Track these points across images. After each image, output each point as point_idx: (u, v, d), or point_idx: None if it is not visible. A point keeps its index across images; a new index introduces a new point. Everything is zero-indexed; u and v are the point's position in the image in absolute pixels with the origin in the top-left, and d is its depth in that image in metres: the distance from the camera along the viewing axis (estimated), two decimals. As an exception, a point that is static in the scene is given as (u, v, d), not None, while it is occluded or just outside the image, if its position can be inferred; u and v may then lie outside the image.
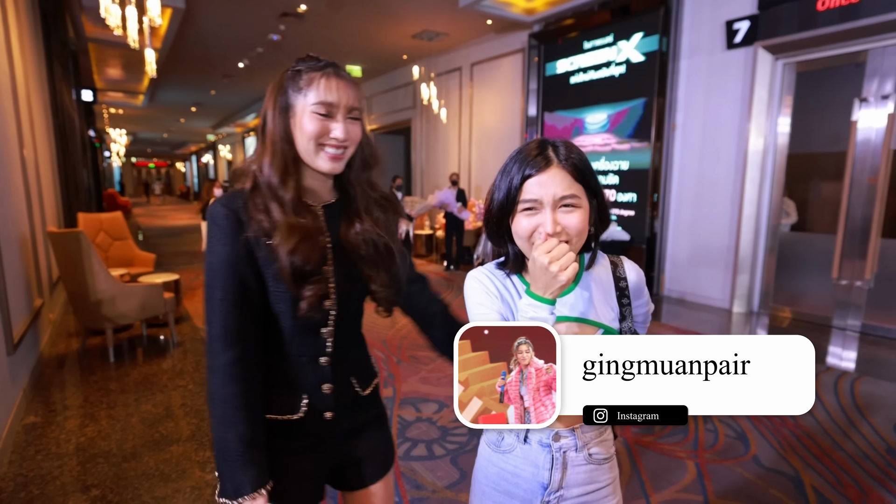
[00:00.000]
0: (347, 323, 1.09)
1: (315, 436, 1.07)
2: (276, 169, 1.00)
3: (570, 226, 0.91)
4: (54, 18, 6.10)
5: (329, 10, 7.12)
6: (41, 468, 2.46)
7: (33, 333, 3.64)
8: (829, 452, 2.64)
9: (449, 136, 9.75)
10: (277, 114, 1.00)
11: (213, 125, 21.71)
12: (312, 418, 1.05)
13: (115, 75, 11.44)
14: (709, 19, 5.45)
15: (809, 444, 2.73)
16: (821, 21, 4.55)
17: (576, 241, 0.92)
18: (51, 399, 3.23)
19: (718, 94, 5.45)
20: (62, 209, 6.35)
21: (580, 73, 6.78)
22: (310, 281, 0.99)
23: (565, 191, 0.91)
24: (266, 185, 1.00)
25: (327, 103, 0.98)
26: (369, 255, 1.07)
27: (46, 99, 5.78)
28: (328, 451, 1.09)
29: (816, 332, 4.82)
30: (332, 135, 0.99)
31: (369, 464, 1.15)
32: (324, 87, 0.98)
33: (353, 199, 1.10)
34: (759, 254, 5.45)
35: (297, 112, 0.99)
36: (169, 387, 3.43)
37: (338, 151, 1.01)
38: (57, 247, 3.77)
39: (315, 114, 0.98)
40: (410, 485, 2.36)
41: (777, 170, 5.30)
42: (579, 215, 0.91)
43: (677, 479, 2.39)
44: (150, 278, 4.45)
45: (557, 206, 0.91)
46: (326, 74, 0.99)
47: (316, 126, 0.98)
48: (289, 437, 1.04)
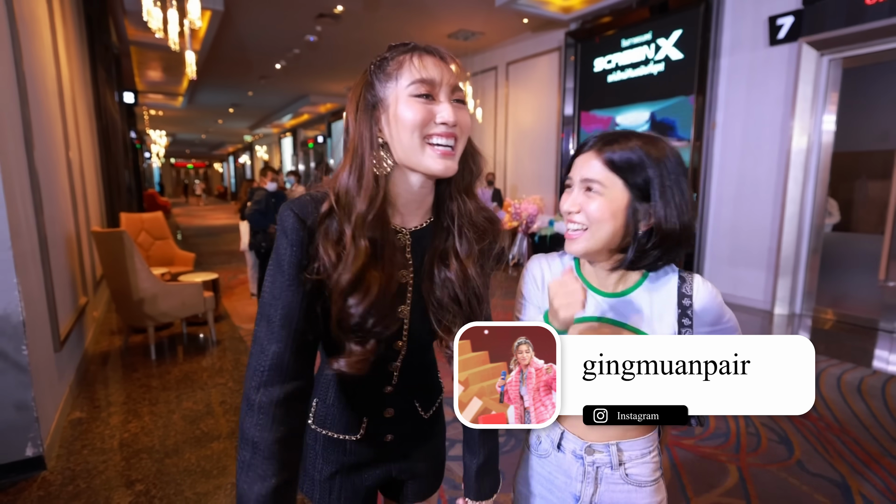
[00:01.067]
0: (419, 357, 0.98)
1: (372, 454, 1.01)
2: (356, 177, 0.82)
3: (588, 210, 0.91)
4: (98, 23, 6.29)
5: (365, 10, 7.16)
6: (87, 462, 2.52)
7: (78, 331, 3.74)
8: (877, 458, 2.57)
9: (484, 135, 9.71)
10: (362, 113, 0.83)
11: (251, 126, 22.19)
12: (371, 440, 0.99)
13: (155, 77, 11.79)
14: (751, 15, 5.31)
15: (856, 449, 2.66)
16: (869, 15, 4.41)
17: (594, 229, 0.91)
18: (95, 395, 3.32)
19: (760, 92, 5.30)
20: (105, 209, 6.55)
21: (618, 72, 6.66)
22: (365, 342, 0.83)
23: (587, 173, 0.91)
24: (343, 199, 0.82)
25: (427, 80, 0.80)
26: (447, 305, 0.89)
27: (90, 101, 5.96)
28: (384, 467, 1.04)
29: (862, 334, 4.72)
30: (440, 118, 0.80)
31: (418, 482, 1.09)
32: (418, 63, 0.80)
33: (448, 222, 0.90)
34: (802, 255, 5.30)
35: (390, 103, 0.81)
36: (209, 384, 3.48)
37: (449, 143, 0.81)
38: (101, 246, 3.87)
39: (413, 97, 0.80)
40: (448, 484, 2.36)
41: (821, 169, 5.15)
42: (599, 203, 0.90)
43: (719, 483, 2.35)
44: (189, 277, 4.54)
45: (583, 187, 0.92)
46: (419, 52, 0.82)
47: (418, 111, 0.79)
48: (344, 453, 0.99)
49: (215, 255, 9.28)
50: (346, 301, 0.81)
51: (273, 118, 18.88)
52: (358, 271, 0.80)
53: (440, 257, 0.89)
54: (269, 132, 23.33)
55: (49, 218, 3.12)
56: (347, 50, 9.07)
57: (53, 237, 3.23)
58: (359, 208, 0.81)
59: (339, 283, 0.80)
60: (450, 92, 0.82)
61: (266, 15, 7.44)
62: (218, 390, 3.39)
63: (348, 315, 0.81)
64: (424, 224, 0.92)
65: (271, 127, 21.19)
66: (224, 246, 10.56)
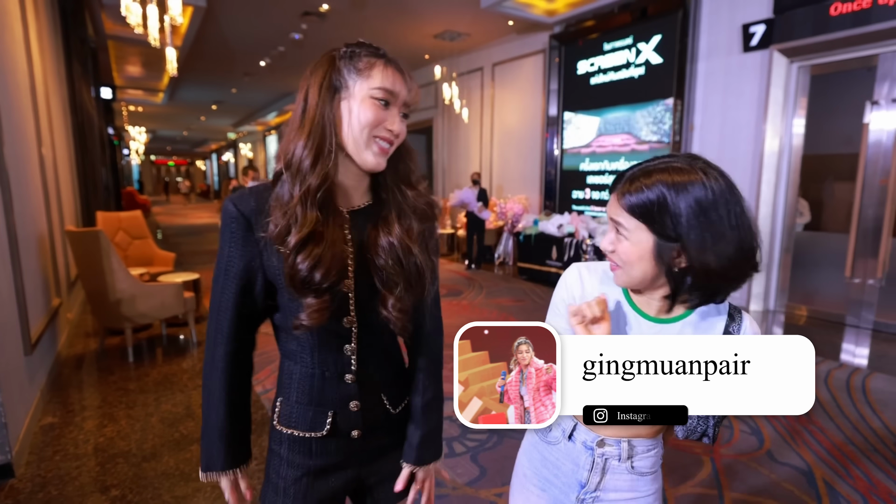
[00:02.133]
0: (375, 339, 1.01)
1: (340, 454, 1.02)
2: (311, 150, 0.89)
3: (618, 251, 0.91)
4: (74, 16, 6.16)
5: (351, 9, 7.12)
6: (59, 469, 2.47)
7: (51, 333, 3.65)
8: (840, 447, 2.69)
9: (470, 135, 9.73)
10: (325, 91, 0.90)
11: (234, 123, 21.92)
12: (338, 436, 1.00)
13: (134, 73, 11.58)
14: (726, 22, 5.43)
15: (822, 438, 2.77)
16: (834, 25, 4.57)
17: (627, 269, 0.91)
18: (69, 400, 3.26)
19: (735, 96, 5.43)
20: (80, 208, 6.42)
21: (600, 74, 6.74)
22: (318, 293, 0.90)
23: (613, 215, 0.92)
24: (295, 168, 0.89)
25: (389, 91, 0.90)
26: (391, 271, 0.95)
27: (65, 96, 5.84)
28: (352, 469, 1.04)
29: (830, 329, 4.91)
30: (388, 126, 0.91)
31: (390, 485, 1.08)
32: (387, 74, 0.90)
33: (387, 203, 0.99)
34: (775, 253, 5.47)
35: (354, 94, 0.90)
36: (189, 386, 3.44)
37: (386, 146, 0.93)
38: (76, 246, 3.78)
39: (375, 100, 0.89)
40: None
41: (792, 171, 5.32)
42: (626, 246, 0.89)
43: (693, 475, 2.42)
44: (169, 277, 4.47)
45: (613, 228, 0.93)
46: (388, 63, 0.92)
47: (374, 114, 0.89)
48: (311, 454, 1.00)
49: (197, 254, 9.16)
50: (295, 259, 0.89)
51: (257, 116, 18.68)
52: (305, 236, 0.88)
53: (383, 227, 0.96)
54: (253, 130, 23.07)
55: (20, 216, 3.04)
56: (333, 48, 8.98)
57: (25, 237, 3.16)
58: (310, 181, 0.88)
59: (288, 244, 0.88)
60: (402, 106, 0.93)
61: (250, 12, 7.36)
62: (198, 392, 3.34)
63: (297, 270, 0.89)
64: (363, 205, 0.99)
65: (256, 125, 20.96)
66: (206, 245, 10.43)
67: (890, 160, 4.58)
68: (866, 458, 2.56)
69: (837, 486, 2.32)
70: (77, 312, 5.06)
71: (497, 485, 2.34)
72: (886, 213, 4.64)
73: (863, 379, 3.59)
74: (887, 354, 4.17)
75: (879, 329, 4.78)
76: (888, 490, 2.29)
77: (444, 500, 2.23)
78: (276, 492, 1.01)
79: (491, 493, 2.29)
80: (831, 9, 4.55)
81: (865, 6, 4.34)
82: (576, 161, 7.18)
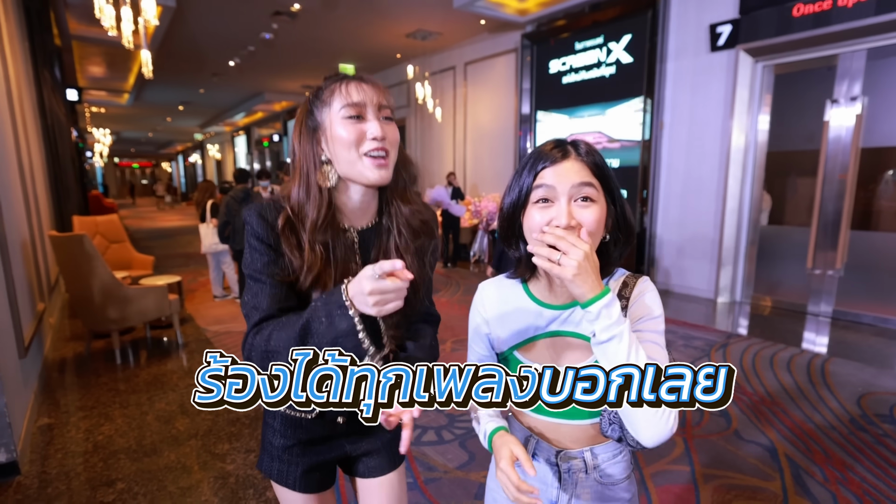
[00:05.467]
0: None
1: (326, 431, 1.13)
2: (304, 190, 0.97)
3: (586, 220, 0.83)
4: (39, 17, 6.04)
5: (323, 9, 7.14)
6: (63, 465, 2.52)
7: (38, 337, 3.65)
8: (800, 424, 2.90)
9: (444, 134, 9.83)
10: (305, 138, 0.97)
11: (201, 124, 21.52)
12: (324, 419, 1.10)
13: (98, 73, 11.31)
14: (694, 22, 5.63)
15: (784, 418, 2.99)
16: (796, 26, 4.78)
17: (592, 241, 0.84)
18: (61, 401, 3.27)
19: (703, 95, 5.64)
20: (54, 213, 6.31)
21: (572, 73, 6.90)
22: None
23: (583, 178, 0.85)
24: (297, 211, 0.97)
25: (354, 103, 0.93)
26: None
27: (34, 100, 5.73)
28: (338, 444, 1.16)
29: (794, 318, 5.14)
30: (370, 134, 0.93)
31: (379, 457, 1.18)
32: (347, 90, 0.94)
33: (387, 224, 1.04)
34: (742, 246, 5.70)
35: (328, 126, 0.95)
36: (180, 385, 3.48)
37: (381, 155, 0.95)
38: (59, 251, 3.76)
39: (346, 119, 0.93)
40: (423, 467, 2.50)
41: (757, 166, 5.54)
42: (596, 211, 0.84)
43: (667, 453, 2.60)
44: (152, 280, 4.47)
45: (574, 197, 0.84)
46: (347, 80, 0.96)
47: (351, 130, 0.93)
48: (300, 429, 1.11)
49: (171, 257, 9.05)
50: (310, 294, 0.98)
51: (225, 116, 18.40)
52: (317, 273, 0.95)
53: (384, 252, 1.03)
54: (221, 130, 22.69)
55: (7, 222, 3.05)
56: (305, 48, 9.00)
57: (12, 241, 3.16)
58: (311, 216, 0.96)
59: (304, 283, 0.96)
60: (376, 110, 0.96)
61: (220, 12, 7.31)
62: (190, 391, 3.35)
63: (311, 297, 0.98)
64: (370, 225, 1.06)
65: (223, 125, 20.63)
66: (179, 248, 10.28)
67: (848, 156, 4.79)
68: (824, 434, 2.78)
69: (797, 460, 2.53)
70: (58, 317, 5.01)
71: (485, 467, 2.45)
72: (845, 207, 4.84)
73: (822, 363, 3.81)
74: (845, 341, 4.41)
75: (838, 317, 5.02)
76: (841, 461, 2.51)
77: (437, 483, 2.34)
78: (271, 458, 1.14)
79: (480, 475, 2.41)
80: (794, 10, 4.75)
81: (826, 8, 4.55)
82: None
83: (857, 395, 3.24)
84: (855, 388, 3.36)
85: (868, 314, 4.89)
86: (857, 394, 3.27)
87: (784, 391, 3.34)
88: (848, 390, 3.33)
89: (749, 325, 5.02)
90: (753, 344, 4.27)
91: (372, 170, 0.94)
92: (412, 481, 2.36)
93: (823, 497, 2.23)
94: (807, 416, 2.98)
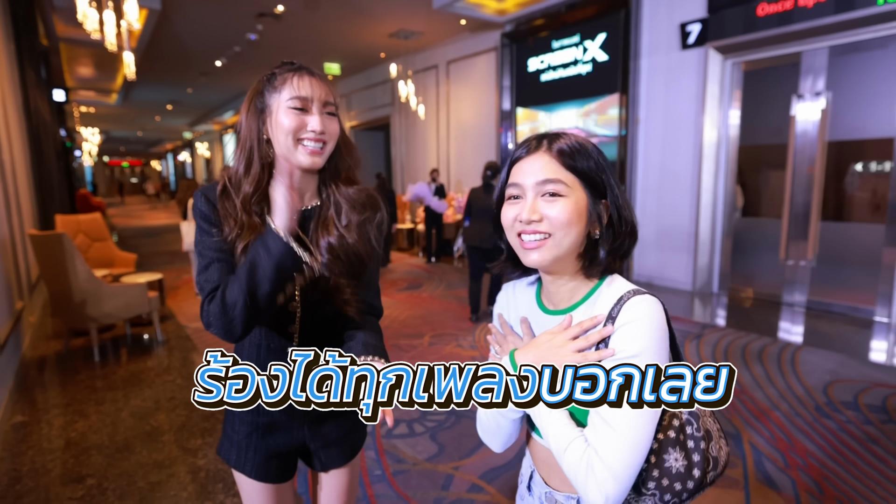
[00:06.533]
0: (317, 320, 1.13)
1: (283, 414, 1.13)
2: (243, 163, 1.05)
3: (552, 216, 0.80)
4: (25, 19, 6.07)
5: (306, 10, 7.19)
6: (34, 462, 2.56)
7: (15, 336, 3.70)
8: (766, 412, 2.97)
9: (427, 131, 9.89)
10: (252, 115, 1.04)
11: (190, 123, 21.47)
12: None
13: (86, 74, 11.31)
14: (665, 21, 5.74)
15: (751, 406, 3.06)
16: (761, 25, 4.91)
17: (560, 236, 0.80)
18: (37, 399, 3.31)
19: (676, 91, 5.74)
20: (37, 212, 6.34)
21: (550, 71, 6.98)
22: None
23: (546, 174, 0.81)
24: (235, 182, 1.05)
25: (301, 97, 1.01)
26: (334, 266, 1.06)
27: (19, 100, 5.76)
28: (295, 431, 1.16)
29: (769, 308, 5.24)
30: (310, 127, 1.01)
31: (336, 449, 1.20)
32: (297, 83, 1.01)
33: (326, 203, 1.11)
34: (717, 238, 5.81)
35: (274, 110, 1.02)
36: (157, 382, 3.54)
37: (316, 146, 1.02)
38: (39, 250, 3.82)
39: (291, 109, 1.01)
40: (392, 459, 2.56)
41: (730, 160, 5.66)
42: (564, 205, 0.80)
43: None
44: (133, 278, 4.53)
45: (539, 191, 0.82)
46: (300, 73, 1.03)
47: (292, 120, 1.00)
48: (257, 412, 1.13)
49: (156, 255, 9.08)
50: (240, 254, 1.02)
51: (214, 115, 18.37)
52: (246, 230, 1.01)
53: (322, 228, 1.08)
54: (210, 129, 22.63)
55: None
56: (290, 48, 9.05)
57: (-11, 241, 3.21)
58: (245, 189, 1.04)
59: (239, 249, 1.01)
60: (321, 106, 1.03)
61: (204, 14, 7.34)
62: (167, 387, 3.45)
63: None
64: (310, 206, 1.12)
65: (212, 124, 20.59)
66: (164, 246, 10.31)
67: (815, 149, 4.92)
68: (788, 422, 2.85)
69: (760, 446, 2.59)
70: (38, 315, 5.06)
71: (454, 459, 2.53)
72: (814, 199, 4.97)
73: (793, 353, 3.89)
74: (817, 330, 4.52)
75: (811, 307, 5.14)
76: (804, 447, 2.58)
77: (405, 475, 2.40)
78: (230, 443, 1.17)
79: (448, 466, 2.47)
80: (758, 9, 4.88)
81: (788, 7, 4.69)
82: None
83: (825, 384, 3.31)
84: (823, 376, 3.43)
85: (840, 303, 4.99)
86: (825, 382, 3.34)
87: (753, 380, 3.42)
88: (815, 378, 3.41)
89: (726, 315, 5.11)
90: (727, 334, 4.36)
91: (305, 156, 1.02)
92: (380, 473, 2.41)
93: (783, 482, 2.29)
94: (773, 405, 3.05)
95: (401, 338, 4.43)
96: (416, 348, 4.16)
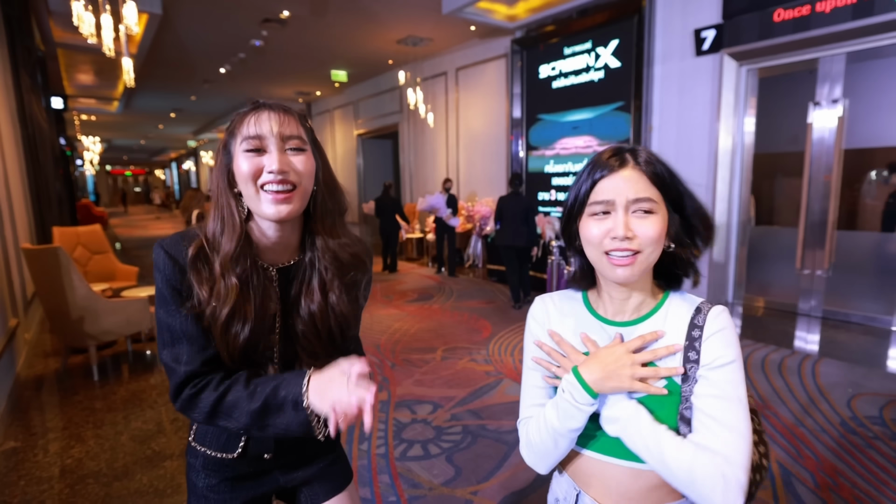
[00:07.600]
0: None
1: (252, 468, 1.06)
2: (219, 222, 0.92)
3: (643, 233, 0.81)
4: (20, 24, 5.94)
5: (312, 16, 7.08)
6: (25, 494, 2.40)
7: (9, 355, 3.53)
8: (791, 428, 2.86)
9: (436, 139, 9.78)
10: (219, 168, 0.93)
11: (195, 131, 21.39)
12: (249, 458, 1.03)
13: (86, 81, 11.20)
14: (679, 28, 5.63)
15: (774, 421, 2.94)
16: (777, 31, 4.81)
17: (649, 252, 0.82)
18: (31, 422, 3.15)
19: (690, 98, 5.63)
20: (34, 223, 6.18)
21: (562, 78, 6.86)
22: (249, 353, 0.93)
23: (640, 192, 0.82)
24: (212, 242, 0.93)
25: (252, 136, 0.88)
26: (310, 338, 0.98)
27: (13, 108, 5.62)
28: (266, 478, 1.08)
29: (784, 318, 5.18)
30: (267, 168, 0.87)
31: (321, 483, 1.13)
32: (251, 121, 0.89)
33: (310, 261, 0.99)
34: (732, 247, 5.69)
35: (234, 158, 0.90)
36: (159, 402, 3.38)
37: (280, 188, 0.87)
38: (33, 264, 3.65)
39: (245, 152, 0.88)
40: (407, 484, 2.42)
41: (745, 168, 5.56)
42: (655, 222, 0.82)
43: None
44: (133, 292, 4.37)
45: (630, 208, 0.82)
46: (256, 110, 0.90)
47: (248, 165, 0.87)
48: (225, 468, 1.04)
49: (159, 266, 8.90)
50: (229, 332, 0.91)
51: (219, 123, 18.28)
52: (233, 304, 0.89)
53: (306, 292, 0.98)
54: (214, 137, 22.54)
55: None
56: (296, 55, 8.92)
57: (-20, 256, 3.05)
58: (225, 248, 0.91)
59: (219, 317, 0.89)
60: (280, 142, 0.88)
61: (208, 20, 7.23)
62: (169, 408, 3.29)
63: (235, 344, 0.91)
64: (292, 262, 1.00)
65: (217, 132, 20.50)
66: (168, 257, 10.12)
67: (832, 157, 4.83)
68: (815, 438, 2.73)
69: (788, 466, 2.48)
70: (35, 332, 4.89)
71: (472, 483, 2.39)
72: (831, 208, 4.89)
73: (813, 365, 3.80)
74: (835, 340, 4.42)
75: (828, 317, 5.07)
76: (833, 467, 2.46)
77: (421, 501, 2.26)
78: (197, 498, 1.05)
79: (466, 491, 2.33)
80: (774, 15, 4.78)
81: (805, 13, 4.59)
82: (540, 163, 7.32)
83: (848, 397, 3.22)
84: (845, 390, 3.34)
85: (857, 313, 4.94)
86: (848, 395, 3.25)
87: (776, 394, 3.31)
88: (838, 391, 3.31)
89: (741, 325, 5.01)
90: (745, 345, 4.24)
91: (269, 204, 0.88)
92: (395, 499, 2.27)
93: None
94: (798, 420, 2.94)
95: (412, 352, 4.26)
96: (428, 363, 4.00)
